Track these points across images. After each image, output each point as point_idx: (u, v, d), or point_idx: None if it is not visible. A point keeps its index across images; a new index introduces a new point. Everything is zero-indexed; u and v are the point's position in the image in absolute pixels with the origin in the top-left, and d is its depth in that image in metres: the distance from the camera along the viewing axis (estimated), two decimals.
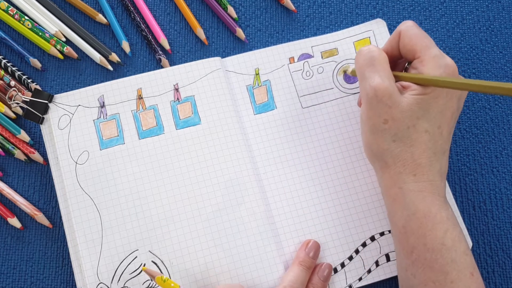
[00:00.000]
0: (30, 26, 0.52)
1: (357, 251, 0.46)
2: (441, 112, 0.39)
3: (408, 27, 0.42)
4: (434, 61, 0.39)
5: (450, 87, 0.37)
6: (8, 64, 0.51)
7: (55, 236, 0.48)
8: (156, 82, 0.49)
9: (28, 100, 0.47)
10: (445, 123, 0.40)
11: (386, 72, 0.40)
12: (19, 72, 0.51)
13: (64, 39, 0.52)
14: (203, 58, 0.51)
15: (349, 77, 0.51)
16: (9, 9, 0.52)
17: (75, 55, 0.52)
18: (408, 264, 0.40)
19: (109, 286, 0.44)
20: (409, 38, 0.41)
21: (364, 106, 0.41)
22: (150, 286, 0.44)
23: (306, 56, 0.51)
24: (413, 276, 0.39)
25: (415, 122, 0.39)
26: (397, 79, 0.41)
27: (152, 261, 0.45)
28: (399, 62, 0.45)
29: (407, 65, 0.44)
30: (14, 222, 0.47)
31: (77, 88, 0.50)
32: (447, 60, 0.40)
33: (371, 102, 0.39)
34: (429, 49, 0.40)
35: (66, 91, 0.49)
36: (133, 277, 0.44)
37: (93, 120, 0.48)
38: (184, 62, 0.51)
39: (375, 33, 0.52)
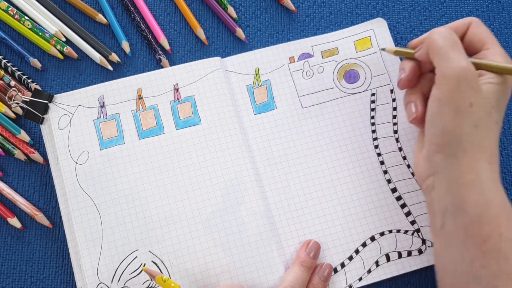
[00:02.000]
0: (30, 26, 0.52)
1: (357, 251, 0.46)
2: (503, 106, 0.40)
3: (479, 21, 0.43)
4: (505, 55, 0.41)
5: None
6: (8, 64, 0.51)
7: (55, 236, 0.48)
8: (156, 82, 0.49)
9: (28, 100, 0.47)
10: (501, 118, 0.40)
11: (466, 57, 0.39)
12: (19, 72, 0.51)
13: (64, 39, 0.52)
14: (203, 58, 0.51)
15: (350, 77, 0.51)
16: (9, 9, 0.52)
17: (75, 55, 0.52)
18: (478, 255, 0.37)
19: (109, 286, 0.44)
20: (481, 30, 0.42)
21: (448, 87, 0.39)
22: (150, 286, 0.44)
23: (306, 56, 0.51)
24: (483, 267, 0.37)
25: (491, 110, 0.39)
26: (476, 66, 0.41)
27: (152, 261, 0.45)
28: (426, 75, 0.44)
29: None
30: (14, 222, 0.47)
31: (77, 88, 0.50)
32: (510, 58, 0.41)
33: (460, 83, 0.38)
34: (498, 45, 0.42)
35: (66, 91, 0.49)
36: (133, 277, 0.44)
37: (93, 120, 0.48)
38: (184, 62, 0.51)
39: (375, 32, 0.52)
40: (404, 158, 0.49)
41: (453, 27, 0.43)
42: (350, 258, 0.46)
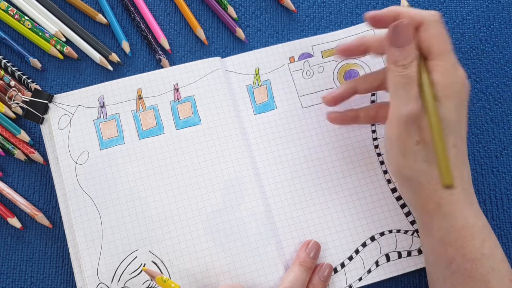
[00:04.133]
0: (30, 26, 0.52)
1: (357, 251, 0.46)
2: (460, 121, 0.39)
3: (434, 21, 0.39)
4: (450, 70, 0.38)
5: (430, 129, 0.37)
6: (8, 64, 0.51)
7: (55, 236, 0.48)
8: (156, 82, 0.49)
9: (28, 100, 0.47)
10: (464, 130, 0.40)
11: (418, 93, 0.38)
12: (19, 72, 0.51)
13: (64, 39, 0.52)
14: (203, 58, 0.51)
15: (350, 77, 0.51)
16: (9, 9, 0.52)
17: (75, 55, 0.52)
18: (447, 275, 0.40)
19: (109, 286, 0.44)
20: (431, 36, 0.39)
21: (395, 127, 0.39)
22: (150, 286, 0.44)
23: (306, 56, 0.51)
24: (453, 286, 0.39)
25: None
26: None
27: (152, 261, 0.45)
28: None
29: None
30: (14, 222, 0.47)
31: (77, 88, 0.50)
32: (460, 71, 0.39)
33: (408, 124, 0.38)
34: (447, 55, 0.39)
35: (66, 91, 0.49)
36: (133, 277, 0.44)
37: (93, 120, 0.48)
38: (184, 62, 0.51)
39: (375, 33, 0.52)
40: None
41: (410, 16, 0.40)
42: (350, 258, 0.46)
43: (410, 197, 0.42)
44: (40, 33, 0.51)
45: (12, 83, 0.50)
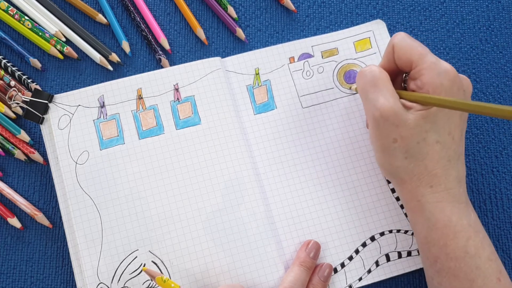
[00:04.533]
0: (30, 26, 0.52)
1: (357, 251, 0.46)
2: (449, 118, 0.39)
3: (400, 39, 0.41)
4: (432, 68, 0.39)
5: (453, 108, 0.36)
6: (8, 64, 0.51)
7: (55, 236, 0.48)
8: (156, 82, 0.49)
9: (28, 100, 0.47)
10: (455, 128, 0.40)
11: (389, 91, 0.39)
12: (19, 72, 0.51)
13: (64, 39, 0.52)
14: (203, 58, 0.51)
15: (350, 77, 0.51)
16: (9, 9, 0.52)
17: (75, 55, 0.52)
18: (434, 273, 0.40)
19: (109, 286, 0.44)
20: (403, 50, 0.40)
21: (371, 127, 0.40)
22: (150, 286, 0.44)
23: (306, 56, 0.51)
24: (439, 284, 0.40)
25: (424, 135, 0.39)
26: (400, 97, 0.40)
27: (152, 261, 0.45)
28: (398, 75, 0.44)
29: (405, 76, 0.44)
30: (14, 222, 0.47)
31: (77, 88, 0.50)
32: (445, 66, 0.39)
33: (378, 123, 0.39)
34: (425, 57, 0.39)
35: (66, 91, 0.49)
36: (133, 277, 0.44)
37: (93, 120, 0.48)
38: (184, 62, 0.51)
39: (375, 33, 0.52)
40: None
41: (384, 54, 0.42)
42: (350, 258, 0.46)
43: (397, 191, 0.43)
44: (40, 33, 0.51)
45: (12, 83, 0.50)
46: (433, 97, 0.38)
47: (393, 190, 0.48)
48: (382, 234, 0.47)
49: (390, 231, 0.47)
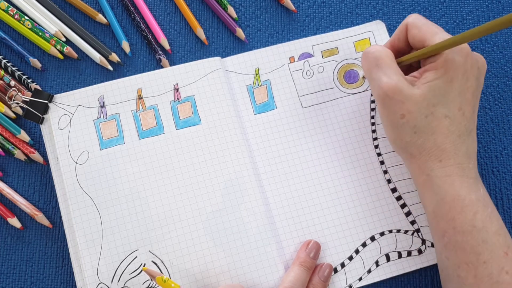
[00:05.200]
0: (30, 26, 0.52)
1: (357, 251, 0.46)
2: (460, 94, 0.40)
3: (415, 18, 0.42)
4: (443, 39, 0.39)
5: (451, 45, 0.37)
6: (8, 64, 0.51)
7: (55, 236, 0.48)
8: (156, 82, 0.49)
9: (28, 100, 0.47)
10: (466, 104, 0.40)
11: (392, 69, 0.40)
12: (19, 72, 0.51)
13: (64, 39, 0.52)
14: (203, 58, 0.51)
15: (350, 77, 0.51)
16: (9, 9, 0.52)
17: (75, 55, 0.52)
18: (441, 247, 0.40)
19: (109, 286, 0.44)
20: (417, 28, 0.41)
21: (378, 106, 0.41)
22: (150, 286, 0.44)
23: (306, 56, 0.51)
24: (447, 258, 0.40)
25: (432, 109, 0.39)
26: (401, 64, 0.41)
27: (152, 261, 0.45)
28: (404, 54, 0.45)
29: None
30: (14, 222, 0.47)
31: (77, 88, 0.50)
32: (460, 47, 0.40)
33: (384, 101, 0.40)
34: (438, 34, 0.40)
35: (66, 91, 0.49)
36: (133, 277, 0.44)
37: (93, 120, 0.48)
38: (184, 62, 0.51)
39: (374, 34, 0.52)
40: None
41: (395, 33, 0.44)
42: (350, 258, 0.46)
43: (407, 166, 0.43)
44: (40, 33, 0.51)
45: (12, 83, 0.50)
46: (432, 46, 0.39)
47: (393, 190, 0.48)
48: (382, 234, 0.47)
49: (390, 231, 0.47)
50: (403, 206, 0.47)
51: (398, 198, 0.47)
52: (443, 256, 0.41)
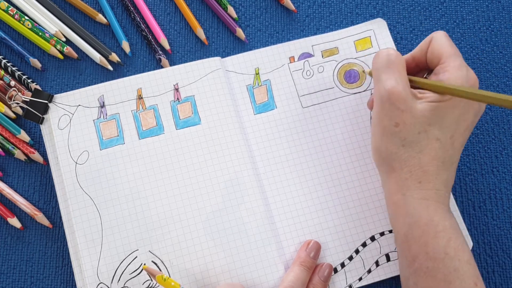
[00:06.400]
0: (30, 26, 0.52)
1: (357, 251, 0.46)
2: (456, 122, 0.39)
3: (440, 34, 0.42)
4: (457, 70, 0.39)
5: (464, 97, 0.37)
6: (8, 64, 0.51)
7: (55, 236, 0.48)
8: (156, 82, 0.49)
9: (28, 100, 0.47)
10: (458, 134, 0.40)
11: (401, 76, 0.40)
12: (19, 72, 0.51)
13: (64, 39, 0.52)
14: (203, 58, 0.51)
15: (350, 77, 0.51)
16: (9, 9, 0.52)
17: (75, 55, 0.52)
18: (410, 273, 0.40)
19: (109, 286, 0.44)
20: (439, 44, 0.41)
21: (376, 108, 0.41)
22: (150, 286, 0.44)
23: (306, 55, 0.51)
24: (415, 284, 0.39)
25: (426, 128, 0.39)
26: (412, 83, 0.41)
27: (152, 261, 0.45)
28: (421, 71, 0.45)
29: (426, 75, 0.44)
30: (14, 222, 0.47)
31: (77, 88, 0.50)
32: (469, 72, 0.40)
33: (384, 104, 0.39)
34: (456, 57, 0.40)
35: (66, 91, 0.49)
36: (133, 277, 0.44)
37: (93, 120, 0.48)
38: (184, 62, 0.51)
39: (375, 32, 0.52)
40: None
41: (420, 44, 0.44)
42: (350, 258, 0.46)
43: (383, 183, 0.43)
44: (40, 33, 0.51)
45: (12, 83, 0.50)
46: (445, 84, 0.38)
47: None
48: (382, 234, 0.47)
49: (390, 231, 0.47)
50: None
51: None
52: (411, 281, 0.40)
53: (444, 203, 0.39)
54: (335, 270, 0.45)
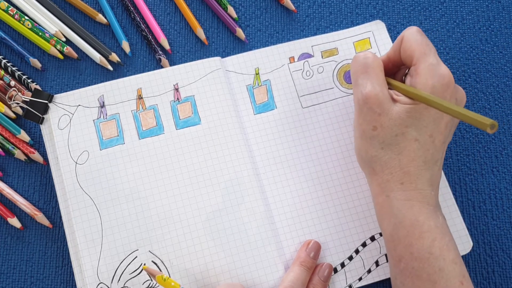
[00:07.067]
0: (30, 26, 0.52)
1: (357, 251, 0.46)
2: (434, 122, 0.39)
3: (411, 32, 0.41)
4: (429, 70, 0.39)
5: (436, 108, 0.36)
6: (8, 64, 0.51)
7: (55, 236, 0.48)
8: (156, 82, 0.49)
9: (28, 100, 0.47)
10: (438, 133, 0.39)
11: (378, 79, 0.40)
12: (19, 72, 0.51)
13: (64, 39, 0.52)
14: (203, 58, 0.51)
15: (349, 77, 0.51)
16: (9, 9, 0.52)
17: (75, 55, 0.52)
18: (397, 273, 0.40)
19: (109, 286, 0.44)
20: (409, 44, 0.41)
21: (355, 112, 0.41)
22: (150, 286, 0.44)
23: (306, 56, 0.51)
24: (402, 284, 0.40)
25: (403, 130, 0.39)
26: (390, 86, 0.41)
27: (152, 261, 0.45)
28: (402, 68, 0.45)
29: (407, 71, 0.44)
30: (14, 222, 0.47)
31: (77, 88, 0.50)
32: (442, 70, 0.39)
33: (362, 108, 0.40)
34: (426, 56, 0.39)
35: (66, 91, 0.49)
36: (133, 277, 0.44)
37: (93, 120, 0.48)
38: (184, 62, 0.51)
39: (374, 34, 0.52)
40: None
41: (393, 44, 0.43)
42: (350, 258, 0.46)
43: (368, 184, 0.43)
44: (40, 33, 0.51)
45: (12, 83, 0.50)
46: (417, 92, 0.38)
47: None
48: (382, 234, 0.47)
49: None
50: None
51: None
52: (398, 281, 0.40)
53: (429, 202, 0.39)
54: (335, 270, 0.45)
